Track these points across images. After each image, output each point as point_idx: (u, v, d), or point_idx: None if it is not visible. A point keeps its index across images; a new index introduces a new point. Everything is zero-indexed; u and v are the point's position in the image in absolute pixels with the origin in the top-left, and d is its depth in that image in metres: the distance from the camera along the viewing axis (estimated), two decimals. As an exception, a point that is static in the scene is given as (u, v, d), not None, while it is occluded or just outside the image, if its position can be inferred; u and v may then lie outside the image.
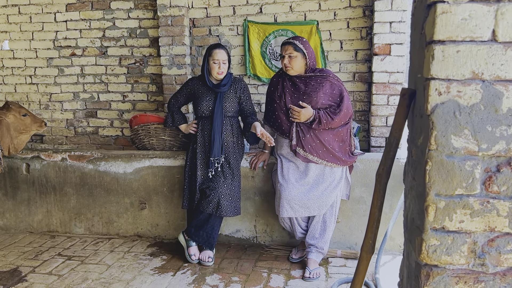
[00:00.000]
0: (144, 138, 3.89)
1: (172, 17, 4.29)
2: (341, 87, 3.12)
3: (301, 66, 3.13)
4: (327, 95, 3.08)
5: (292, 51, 3.10)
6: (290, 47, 3.11)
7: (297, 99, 3.13)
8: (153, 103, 4.64)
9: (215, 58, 3.36)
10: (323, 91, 3.07)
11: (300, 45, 3.08)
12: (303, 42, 3.11)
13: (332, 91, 3.09)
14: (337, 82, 3.12)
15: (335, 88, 3.10)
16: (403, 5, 3.66)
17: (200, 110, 3.45)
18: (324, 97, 3.08)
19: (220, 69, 3.36)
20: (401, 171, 3.59)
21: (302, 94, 3.12)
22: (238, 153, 3.53)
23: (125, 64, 4.63)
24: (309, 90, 3.10)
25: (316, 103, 3.06)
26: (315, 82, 3.10)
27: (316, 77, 3.11)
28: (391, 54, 3.73)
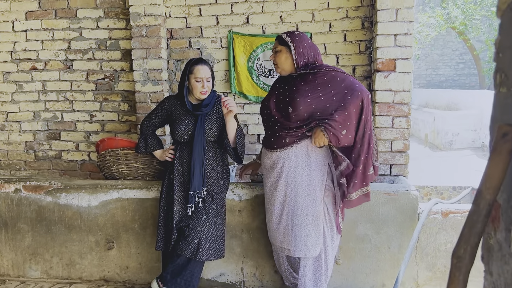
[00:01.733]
0: (113, 165, 3.34)
1: (147, 27, 3.79)
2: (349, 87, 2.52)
3: (289, 63, 2.63)
4: (325, 98, 2.54)
5: (277, 45, 2.66)
6: (276, 42, 2.68)
7: (280, 103, 2.67)
8: (124, 123, 4.10)
9: (198, 76, 2.87)
10: (317, 92, 2.54)
11: (286, 38, 2.62)
12: (291, 34, 2.63)
13: (334, 92, 2.53)
14: (346, 82, 2.54)
15: (337, 87, 2.53)
16: (409, 15, 3.24)
17: (178, 135, 2.94)
18: (314, 102, 2.53)
19: (203, 88, 2.87)
20: (412, 205, 3.15)
21: (287, 97, 2.63)
22: (222, 184, 3.02)
23: (93, 80, 4.09)
24: (296, 91, 2.60)
25: (297, 110, 2.54)
26: (308, 80, 2.58)
27: (313, 74, 2.58)
28: (396, 71, 3.30)
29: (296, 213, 2.64)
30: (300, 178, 2.63)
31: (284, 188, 2.67)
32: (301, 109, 2.53)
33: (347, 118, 2.48)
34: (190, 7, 3.89)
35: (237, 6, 3.82)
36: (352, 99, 2.48)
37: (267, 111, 2.76)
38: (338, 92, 2.52)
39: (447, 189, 3.96)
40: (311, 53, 2.63)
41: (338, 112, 2.49)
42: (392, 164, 3.38)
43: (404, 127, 3.33)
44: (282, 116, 2.63)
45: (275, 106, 2.69)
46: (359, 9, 3.66)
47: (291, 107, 2.56)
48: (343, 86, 2.52)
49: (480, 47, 12.87)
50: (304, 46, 2.61)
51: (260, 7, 3.79)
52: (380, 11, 3.26)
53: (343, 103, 2.50)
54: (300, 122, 2.56)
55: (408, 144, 3.36)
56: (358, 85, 2.53)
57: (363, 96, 2.49)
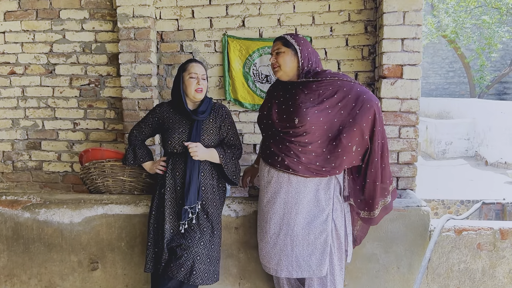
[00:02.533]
0: (97, 178, 3.07)
1: (135, 29, 3.54)
2: (358, 99, 2.32)
3: (293, 67, 2.42)
4: (333, 111, 2.34)
5: (281, 46, 2.45)
6: (279, 43, 2.46)
7: (283, 113, 2.45)
8: (110, 132, 3.83)
9: (192, 71, 2.65)
10: (323, 104, 2.34)
11: (291, 40, 2.42)
12: (296, 37, 2.45)
13: (341, 104, 2.34)
14: (354, 92, 2.34)
15: (344, 99, 2.33)
16: (417, 18, 3.04)
17: (171, 145, 2.69)
18: (322, 114, 2.33)
19: (198, 84, 2.63)
20: (423, 222, 2.91)
21: (290, 106, 2.42)
22: (218, 199, 2.77)
23: (77, 85, 3.82)
24: (300, 101, 2.39)
25: (305, 121, 2.32)
26: (312, 89, 2.39)
27: (317, 83, 2.38)
28: (403, 77, 3.09)
29: (296, 233, 2.41)
30: (303, 195, 2.40)
31: (282, 206, 2.44)
32: (309, 120, 2.32)
33: (356, 134, 2.32)
34: (182, 9, 3.65)
35: (233, 8, 3.59)
36: (361, 114, 2.30)
37: (267, 121, 2.53)
38: (346, 104, 2.33)
39: (455, 203, 3.77)
40: (314, 59, 2.45)
41: (346, 129, 2.32)
42: (399, 177, 3.16)
43: (412, 138, 3.12)
44: (286, 127, 2.42)
45: (278, 116, 2.47)
46: (362, 12, 3.46)
47: (297, 118, 2.35)
48: (350, 98, 2.33)
49: (471, 55, 12.84)
50: (309, 50, 2.43)
51: (257, 9, 3.57)
52: (386, 13, 3.06)
53: (352, 118, 2.32)
54: (306, 135, 2.36)
55: (416, 156, 3.15)
56: (366, 94, 2.33)
57: (374, 108, 2.31)
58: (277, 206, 2.45)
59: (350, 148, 2.33)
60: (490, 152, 8.71)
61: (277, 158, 2.43)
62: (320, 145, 2.36)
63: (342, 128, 2.33)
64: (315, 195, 2.41)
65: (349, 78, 2.39)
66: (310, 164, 2.36)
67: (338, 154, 2.34)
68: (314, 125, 2.32)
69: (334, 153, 2.34)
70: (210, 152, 2.67)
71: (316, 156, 2.36)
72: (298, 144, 2.37)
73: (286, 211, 2.43)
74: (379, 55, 3.24)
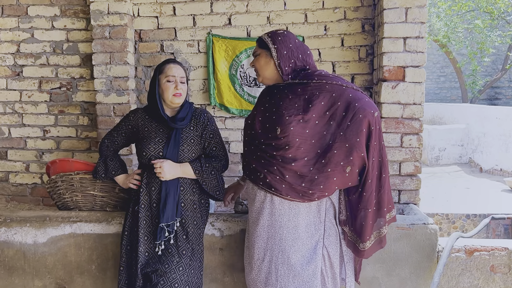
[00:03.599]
0: (65, 192, 2.73)
1: (110, 27, 3.22)
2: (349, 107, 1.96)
3: (271, 71, 2.10)
4: (321, 122, 1.99)
5: (257, 48, 2.15)
6: (256, 44, 2.17)
7: (266, 121, 2.11)
8: (83, 140, 3.49)
9: (170, 74, 2.34)
10: (309, 112, 1.98)
11: (266, 39, 2.09)
12: (273, 34, 2.09)
13: (329, 113, 1.98)
14: (344, 99, 1.97)
15: (333, 106, 1.97)
16: (421, 15, 2.76)
17: (146, 156, 2.37)
18: (308, 125, 1.98)
19: (177, 89, 2.32)
20: (430, 242, 2.60)
21: (273, 114, 2.08)
22: (200, 217, 2.45)
23: (47, 89, 3.48)
24: (284, 107, 2.04)
25: (287, 131, 1.98)
26: (297, 94, 2.04)
27: (303, 86, 2.03)
28: (405, 80, 2.80)
29: (282, 261, 2.07)
30: (287, 218, 2.08)
31: (266, 229, 2.12)
32: (292, 130, 1.97)
33: (348, 152, 1.96)
34: (163, 5, 3.33)
35: (218, 5, 3.29)
36: (353, 126, 1.94)
37: (251, 131, 2.20)
38: (335, 114, 1.97)
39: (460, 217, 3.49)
40: (298, 56, 2.08)
41: (338, 144, 1.96)
42: (401, 190, 2.87)
43: (415, 146, 2.83)
44: (268, 138, 2.07)
45: (261, 125, 2.14)
46: (359, 10, 3.17)
47: (279, 128, 2.01)
48: (339, 106, 1.96)
49: (462, 60, 12.68)
50: (289, 47, 2.06)
51: (244, 6, 3.27)
52: (387, 10, 2.77)
53: (342, 131, 1.95)
54: (289, 149, 2.00)
55: (419, 167, 2.86)
56: (359, 102, 1.95)
57: (369, 119, 1.94)
58: (260, 228, 2.14)
59: (343, 167, 1.97)
60: (485, 158, 8.49)
61: (259, 175, 2.10)
62: (306, 163, 1.99)
63: (332, 143, 1.96)
64: (303, 218, 2.09)
65: (340, 81, 2.02)
66: (295, 185, 2.01)
67: (328, 174, 1.98)
68: (298, 137, 1.97)
69: (323, 172, 1.98)
70: (182, 168, 2.35)
71: (302, 176, 2.00)
72: (282, 160, 2.02)
73: (270, 235, 2.11)
74: (378, 56, 2.95)
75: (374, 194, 2.03)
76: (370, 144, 1.97)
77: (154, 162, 2.32)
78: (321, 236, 2.11)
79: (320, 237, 2.11)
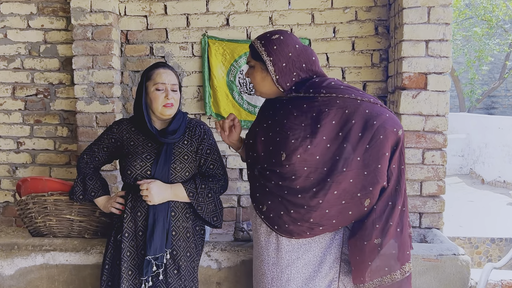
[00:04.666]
0: (37, 216, 2.36)
1: (93, 27, 2.86)
2: (366, 125, 1.60)
3: (269, 85, 1.74)
4: (333, 145, 1.62)
5: (250, 59, 1.79)
6: (250, 52, 1.80)
7: (269, 142, 1.75)
8: (62, 154, 3.11)
9: (159, 81, 2.00)
10: (318, 133, 1.62)
11: (259, 48, 1.71)
12: (267, 41, 1.71)
13: (342, 134, 1.61)
14: (359, 115, 1.61)
15: (346, 125, 1.61)
16: (445, 16, 2.44)
17: (131, 175, 2.01)
18: (317, 150, 1.62)
19: (167, 99, 1.98)
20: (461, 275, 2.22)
21: (277, 134, 1.72)
22: (194, 248, 2.09)
23: (21, 96, 3.10)
24: (288, 126, 1.69)
25: (293, 158, 1.63)
26: (303, 110, 1.68)
27: (310, 101, 1.67)
28: (427, 89, 2.48)
29: None
30: (296, 256, 1.75)
31: (271, 268, 1.81)
32: (299, 158, 1.62)
33: (368, 181, 1.60)
34: (152, 3, 2.98)
35: (214, 3, 2.94)
36: (373, 150, 1.59)
37: (252, 153, 1.84)
38: (349, 134, 1.60)
39: (484, 242, 3.15)
40: (301, 66, 1.71)
41: (354, 172, 1.60)
42: (422, 212, 2.53)
43: (438, 164, 2.50)
44: (272, 164, 1.71)
45: (263, 147, 1.77)
46: (372, 10, 2.85)
47: (284, 152, 1.65)
48: (354, 125, 1.60)
49: (460, 68, 12.46)
50: (289, 56, 1.69)
51: (244, 4, 2.93)
52: (407, 9, 2.45)
53: (360, 156, 1.59)
54: (296, 179, 1.65)
55: (443, 186, 2.53)
56: (378, 118, 1.59)
57: (392, 140, 1.59)
58: (264, 266, 1.79)
59: (360, 200, 1.62)
60: (487, 170, 8.22)
61: (261, 208, 1.76)
62: (315, 195, 1.63)
63: (346, 170, 1.60)
64: (314, 254, 1.74)
65: (354, 93, 1.65)
66: (302, 221, 1.66)
67: (342, 207, 1.64)
68: (307, 165, 1.62)
69: (336, 206, 1.63)
70: (173, 191, 2.00)
71: (310, 210, 1.64)
72: (287, 191, 1.68)
73: (275, 275, 1.76)
74: (395, 62, 2.62)
75: (390, 231, 1.63)
76: (389, 167, 1.62)
77: (140, 183, 1.96)
78: (336, 274, 1.76)
79: (335, 275, 1.75)
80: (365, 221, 1.65)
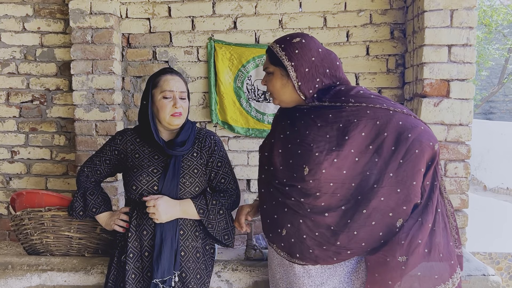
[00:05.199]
0: (34, 233, 2.19)
1: (93, 30, 2.69)
2: (400, 137, 1.46)
3: (290, 93, 1.60)
4: (362, 158, 1.48)
5: (268, 64, 1.63)
6: (267, 57, 1.65)
7: (288, 155, 1.59)
8: (59, 164, 2.94)
9: (167, 89, 1.86)
10: (345, 146, 1.48)
11: (279, 52, 1.57)
12: (287, 45, 1.58)
13: (373, 147, 1.48)
14: (392, 127, 1.47)
15: (378, 138, 1.48)
16: (470, 19, 2.30)
17: (137, 191, 1.86)
18: (344, 164, 1.48)
19: (176, 107, 1.83)
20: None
21: (298, 146, 1.57)
22: (204, 268, 1.93)
23: (16, 103, 2.93)
24: (311, 138, 1.53)
25: (318, 173, 1.48)
26: (328, 121, 1.53)
27: (336, 111, 1.53)
28: (450, 96, 2.34)
29: None
30: (320, 280, 1.59)
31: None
32: (325, 173, 1.47)
33: (401, 199, 1.46)
34: (156, 5, 2.83)
35: (221, 5, 2.79)
36: (407, 164, 1.45)
37: (269, 167, 1.68)
38: (380, 147, 1.47)
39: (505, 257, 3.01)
40: (325, 71, 1.57)
41: (386, 189, 1.46)
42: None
43: (461, 176, 2.36)
44: (292, 179, 1.56)
45: (282, 160, 1.62)
46: (387, 13, 2.71)
47: (307, 166, 1.50)
48: (386, 137, 1.47)
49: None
50: (312, 61, 1.55)
51: (253, 7, 2.78)
52: (429, 12, 2.31)
53: (393, 171, 1.46)
54: (320, 196, 1.51)
55: (467, 200, 2.38)
56: (413, 131, 1.46)
57: (428, 154, 1.47)
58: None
59: (392, 220, 1.48)
60: (489, 176, 8.12)
61: (280, 232, 1.60)
62: (344, 214, 1.50)
63: (377, 187, 1.46)
64: (339, 280, 1.58)
65: (386, 104, 1.51)
66: (328, 244, 1.51)
67: (372, 228, 1.49)
68: (333, 181, 1.48)
69: (365, 226, 1.48)
70: (182, 207, 1.85)
71: (337, 232, 1.50)
72: (310, 209, 1.53)
73: None
74: (415, 67, 2.48)
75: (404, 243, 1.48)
76: (422, 184, 1.48)
77: (147, 200, 1.80)
78: None
79: None
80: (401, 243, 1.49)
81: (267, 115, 2.80)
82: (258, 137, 2.83)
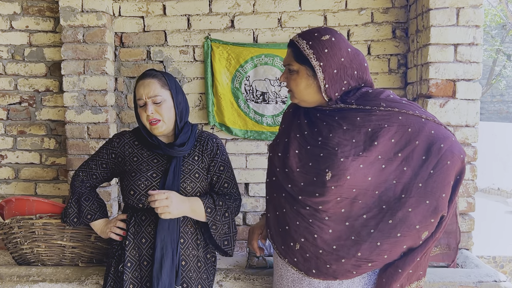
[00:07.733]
0: (24, 242, 2.08)
1: (85, 28, 2.59)
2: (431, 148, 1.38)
3: (314, 93, 1.48)
4: (389, 166, 1.40)
5: (292, 61, 1.49)
6: (290, 53, 1.51)
7: (309, 157, 1.48)
8: (49, 168, 2.82)
9: (137, 96, 1.78)
10: (372, 151, 1.39)
11: (306, 50, 1.44)
12: (315, 42, 1.44)
13: (402, 155, 1.40)
14: (424, 136, 1.39)
15: (408, 146, 1.39)
16: (476, 17, 2.25)
17: (135, 197, 1.76)
18: (370, 171, 1.39)
19: (148, 114, 1.74)
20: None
21: (319, 148, 1.46)
22: (206, 279, 1.84)
23: (3, 105, 2.81)
24: (336, 141, 1.43)
25: (342, 179, 1.38)
26: (356, 124, 1.43)
27: (365, 115, 1.44)
28: (456, 97, 2.28)
29: None
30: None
31: None
32: (350, 179, 1.38)
33: (429, 211, 1.38)
34: (150, 3, 2.73)
35: (218, 3, 2.71)
36: (437, 175, 1.38)
37: (283, 169, 1.55)
38: (410, 156, 1.39)
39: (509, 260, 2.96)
40: (353, 73, 1.46)
41: (414, 200, 1.38)
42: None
43: (468, 179, 2.30)
44: (311, 183, 1.45)
45: (299, 162, 1.50)
46: (389, 12, 2.65)
47: (330, 171, 1.40)
48: (417, 146, 1.39)
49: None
50: (341, 62, 1.43)
51: (251, 5, 2.70)
52: (434, 10, 2.25)
53: (422, 182, 1.38)
54: (341, 201, 1.42)
55: (473, 204, 2.33)
56: (446, 142, 1.39)
57: (458, 167, 1.41)
58: None
59: (418, 233, 1.40)
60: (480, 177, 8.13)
61: (293, 246, 1.50)
62: (366, 223, 1.41)
63: (405, 197, 1.39)
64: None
65: (418, 111, 1.43)
66: (348, 257, 1.42)
67: (397, 240, 1.40)
68: (356, 187, 1.39)
69: (390, 238, 1.39)
70: (191, 205, 1.75)
71: (357, 242, 1.41)
72: (329, 218, 1.44)
73: None
74: (419, 67, 2.42)
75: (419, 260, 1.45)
76: (453, 200, 1.42)
77: (154, 193, 1.66)
78: None
79: None
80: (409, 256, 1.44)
81: (266, 116, 2.72)
82: (256, 139, 2.75)
